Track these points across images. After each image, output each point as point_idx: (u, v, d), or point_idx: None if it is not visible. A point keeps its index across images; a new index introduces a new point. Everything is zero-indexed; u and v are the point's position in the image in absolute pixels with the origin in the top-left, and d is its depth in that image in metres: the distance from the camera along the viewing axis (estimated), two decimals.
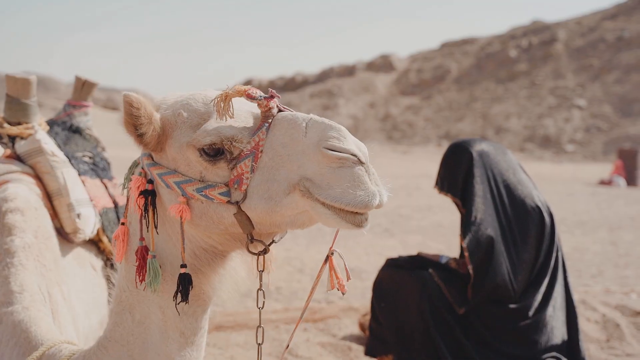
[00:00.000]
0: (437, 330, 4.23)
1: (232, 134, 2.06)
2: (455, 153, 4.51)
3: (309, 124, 2.00)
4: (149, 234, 2.21)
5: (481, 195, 4.31)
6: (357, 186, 1.91)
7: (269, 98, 2.07)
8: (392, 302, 4.48)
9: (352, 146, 1.94)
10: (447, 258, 4.55)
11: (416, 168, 29.15)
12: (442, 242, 11.09)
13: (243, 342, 5.53)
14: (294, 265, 8.91)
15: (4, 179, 3.43)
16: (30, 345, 2.56)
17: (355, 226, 1.99)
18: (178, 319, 2.25)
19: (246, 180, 2.04)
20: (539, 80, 49.50)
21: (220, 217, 2.12)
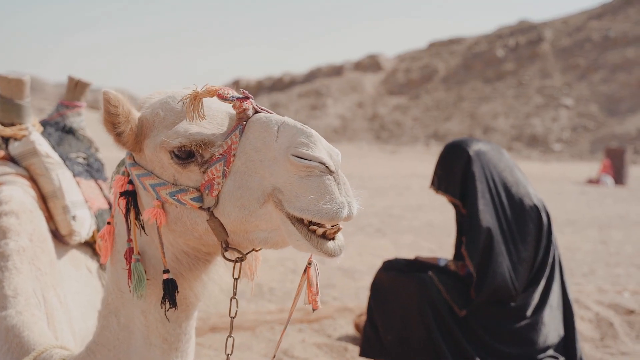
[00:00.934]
0: (439, 333, 4.20)
1: (203, 137, 1.97)
2: (452, 153, 4.50)
3: (280, 127, 1.89)
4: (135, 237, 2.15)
5: (480, 195, 4.30)
6: (324, 197, 1.80)
7: (242, 99, 1.97)
8: (391, 306, 4.46)
9: (322, 153, 1.82)
10: (445, 261, 4.53)
11: (405, 168, 29.21)
12: (434, 241, 11.10)
13: (238, 344, 5.49)
14: (287, 265, 8.88)
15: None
16: (22, 350, 2.53)
17: (325, 254, 1.87)
18: (160, 325, 2.18)
19: (217, 185, 1.94)
20: (526, 79, 49.74)
21: (194, 224, 2.04)
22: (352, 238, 11.23)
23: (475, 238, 4.21)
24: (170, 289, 2.08)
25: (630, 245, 11.02)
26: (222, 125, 2.01)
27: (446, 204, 15.49)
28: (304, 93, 61.39)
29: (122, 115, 2.08)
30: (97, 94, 2.94)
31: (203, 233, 2.03)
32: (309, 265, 2.06)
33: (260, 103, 2.31)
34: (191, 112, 1.97)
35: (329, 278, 8.26)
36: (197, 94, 1.98)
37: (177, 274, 2.14)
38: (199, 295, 2.22)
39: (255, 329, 5.86)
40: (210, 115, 2.02)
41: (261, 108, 1.98)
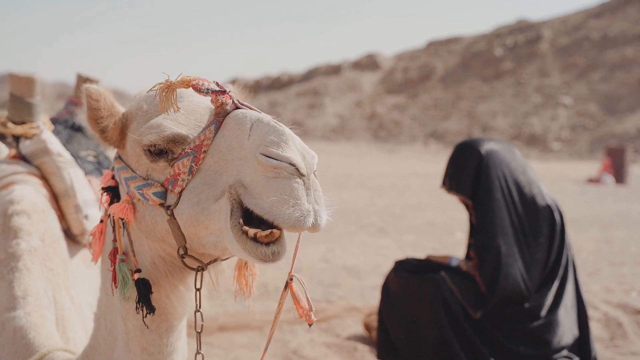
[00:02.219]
0: (453, 335, 4.17)
1: (174, 133, 1.84)
2: (464, 152, 4.47)
3: (254, 125, 1.71)
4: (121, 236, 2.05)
5: (492, 195, 4.27)
6: (288, 201, 1.61)
7: (218, 92, 1.80)
8: (403, 307, 4.43)
9: (293, 154, 1.65)
10: (457, 260, 4.50)
11: (404, 167, 29.15)
12: (436, 241, 11.07)
13: (247, 343, 5.48)
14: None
15: (10, 180, 3.36)
16: (28, 352, 2.51)
17: (259, 260, 1.68)
18: (139, 333, 2.06)
19: (182, 182, 1.81)
20: (525, 78, 49.74)
21: (154, 223, 1.92)
22: (355, 237, 11.22)
23: (484, 241, 4.18)
24: (143, 290, 1.97)
25: (634, 244, 11.00)
26: (200, 121, 1.88)
27: (447, 203, 15.56)
28: (302, 92, 61.34)
29: (104, 109, 2.01)
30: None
31: (164, 234, 1.91)
32: (290, 282, 1.90)
33: (258, 102, 2.23)
34: (163, 104, 1.84)
35: (334, 277, 8.23)
36: (170, 85, 1.84)
37: (155, 281, 2.02)
38: (177, 307, 2.07)
39: (263, 328, 5.84)
40: (190, 109, 1.91)
41: (242, 103, 1.82)
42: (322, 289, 7.64)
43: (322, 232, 6.13)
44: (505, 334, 4.24)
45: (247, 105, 1.82)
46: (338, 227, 12.13)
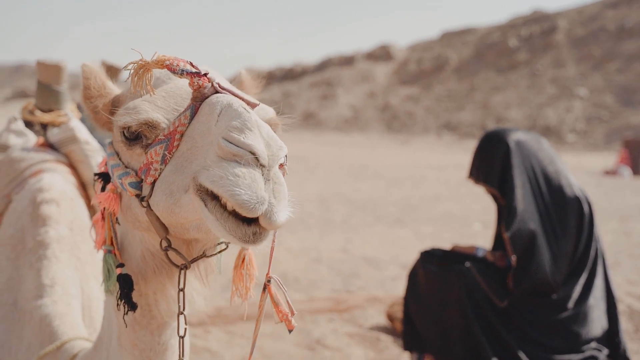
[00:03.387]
0: (478, 326, 4.15)
1: (148, 117, 1.72)
2: (491, 143, 4.42)
3: (223, 110, 1.58)
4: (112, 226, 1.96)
5: (520, 186, 4.23)
6: (240, 182, 1.47)
7: (193, 74, 1.66)
8: (429, 297, 4.41)
9: (255, 142, 1.51)
10: (483, 251, 4.47)
11: (418, 158, 29.04)
12: (454, 232, 11.04)
13: (270, 332, 5.48)
14: (310, 255, 8.85)
15: (38, 169, 3.37)
16: (51, 339, 2.51)
17: (240, 241, 1.53)
18: (130, 329, 1.97)
19: (154, 171, 1.69)
20: (540, 69, 49.39)
21: (135, 214, 1.82)
22: (372, 228, 11.21)
23: (517, 230, 4.14)
24: (124, 287, 1.86)
25: None
26: (179, 106, 1.75)
27: (463, 195, 15.50)
28: (315, 83, 61.19)
29: (94, 88, 1.94)
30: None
31: (146, 226, 1.80)
32: (268, 283, 1.76)
33: (271, 93, 2.17)
34: (136, 86, 1.70)
35: (353, 268, 8.23)
36: (145, 64, 1.70)
37: (144, 276, 1.93)
38: (165, 305, 1.96)
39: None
40: (171, 92, 1.78)
41: (223, 87, 1.67)
42: (341, 279, 7.64)
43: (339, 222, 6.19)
44: (532, 325, 4.21)
45: (228, 89, 1.68)
46: (355, 218, 12.13)
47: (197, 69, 1.67)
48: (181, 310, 1.88)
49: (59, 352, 2.44)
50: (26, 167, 3.45)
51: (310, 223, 11.45)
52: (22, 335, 2.65)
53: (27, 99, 3.96)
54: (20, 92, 76.14)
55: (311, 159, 24.34)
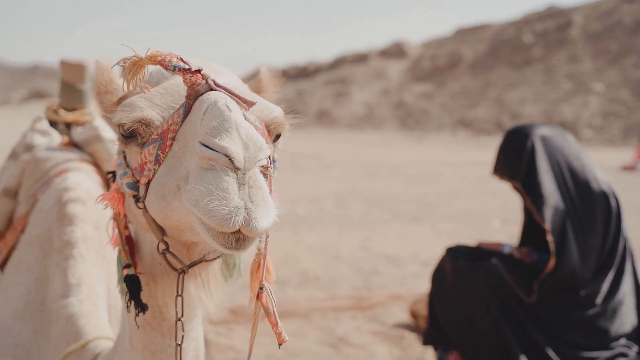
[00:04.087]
0: (505, 322, 4.10)
1: (142, 115, 1.66)
2: (516, 139, 4.38)
3: (208, 109, 1.52)
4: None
5: (547, 181, 4.19)
6: (214, 194, 1.42)
7: (185, 70, 1.59)
8: (455, 294, 4.37)
9: (231, 144, 1.44)
10: (509, 247, 4.43)
11: (433, 155, 28.92)
12: (472, 229, 10.99)
13: (293, 330, 5.47)
14: (330, 253, 8.84)
15: (64, 168, 3.38)
16: (76, 339, 2.52)
17: (223, 247, 1.47)
18: (140, 330, 1.94)
19: (148, 172, 1.64)
20: (555, 65, 49.08)
21: (135, 215, 1.78)
22: (390, 225, 11.18)
23: (553, 223, 4.09)
24: (131, 288, 1.83)
25: None
26: (176, 103, 1.69)
27: (480, 192, 15.43)
28: (328, 81, 61.15)
29: (102, 84, 1.89)
30: None
31: (147, 228, 1.76)
32: (260, 291, 1.67)
33: (285, 91, 2.12)
34: (129, 82, 1.64)
35: (373, 265, 8.21)
36: (139, 60, 1.64)
37: (153, 277, 1.90)
38: (174, 309, 1.89)
39: (308, 316, 5.84)
40: (170, 89, 1.73)
41: (218, 85, 1.61)
42: (362, 277, 7.62)
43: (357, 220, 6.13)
44: (560, 322, 4.17)
45: (223, 86, 1.61)
46: (373, 215, 12.11)
47: (188, 65, 1.60)
48: (179, 317, 1.84)
49: (83, 351, 2.44)
50: (51, 167, 3.46)
51: (328, 221, 11.44)
52: (49, 334, 2.66)
53: (43, 99, 3.98)
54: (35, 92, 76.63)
55: (326, 157, 24.31)
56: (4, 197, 3.61)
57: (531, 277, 4.20)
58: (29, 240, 3.07)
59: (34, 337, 2.74)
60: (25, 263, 2.98)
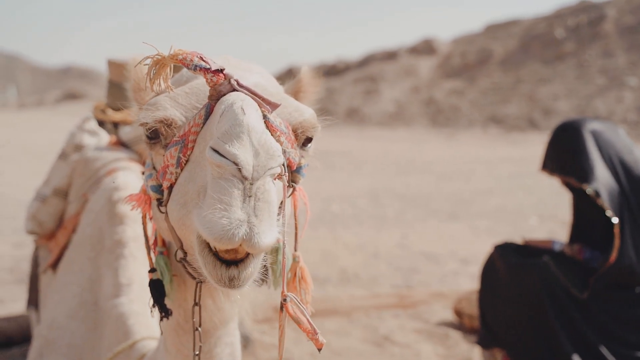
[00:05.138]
0: (557, 321, 4.03)
1: (164, 115, 1.61)
2: (566, 133, 4.30)
3: (224, 112, 1.45)
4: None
5: (600, 176, 4.10)
6: (218, 206, 1.34)
7: (206, 69, 1.53)
8: (506, 291, 4.30)
9: (240, 151, 1.36)
10: (560, 244, 4.35)
11: (465, 152, 28.69)
12: (510, 226, 10.86)
13: (336, 329, 5.45)
14: (368, 250, 8.80)
15: (113, 167, 3.40)
16: (125, 338, 2.54)
17: (217, 283, 1.42)
18: (173, 333, 1.91)
19: (170, 175, 1.58)
20: (588, 60, 48.42)
21: (157, 219, 1.74)
22: (426, 223, 11.11)
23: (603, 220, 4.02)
24: (154, 293, 1.78)
25: None
26: (200, 103, 1.64)
27: (515, 189, 15.27)
28: (358, 79, 61.04)
29: (136, 81, 1.87)
30: None
31: (168, 234, 1.71)
32: (284, 302, 1.58)
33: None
34: (152, 81, 1.60)
35: (411, 263, 8.16)
36: (162, 59, 1.58)
37: (183, 281, 1.85)
38: (204, 315, 1.84)
39: (351, 314, 5.81)
40: (194, 89, 1.67)
41: (242, 85, 1.54)
42: (401, 275, 7.58)
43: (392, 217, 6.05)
44: (613, 320, 4.08)
45: (246, 87, 1.54)
46: (408, 213, 12.03)
47: (209, 64, 1.54)
48: (196, 327, 1.81)
49: (131, 350, 2.45)
50: (101, 167, 3.48)
51: (364, 218, 11.40)
52: (102, 334, 2.68)
53: (76, 100, 4.01)
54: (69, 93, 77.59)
55: (357, 155, 24.23)
56: (54, 197, 3.65)
57: (583, 274, 4.12)
58: (80, 240, 3.09)
59: (88, 336, 2.76)
60: (78, 263, 3.00)
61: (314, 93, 2.05)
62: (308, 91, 2.04)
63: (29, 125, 40.93)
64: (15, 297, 6.42)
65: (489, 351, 4.48)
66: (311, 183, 2.27)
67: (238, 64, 1.78)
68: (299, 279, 1.89)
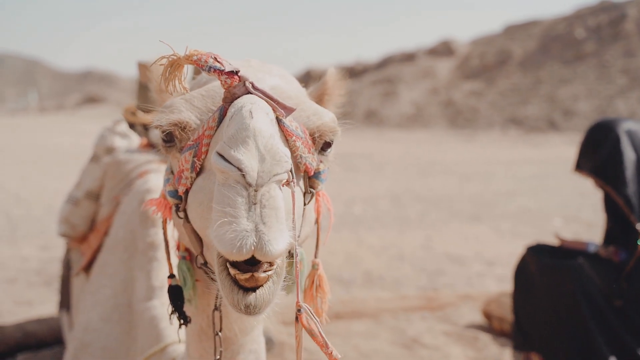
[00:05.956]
0: (594, 323, 3.97)
1: (178, 118, 1.56)
2: (600, 133, 4.25)
3: (233, 115, 1.40)
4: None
5: (633, 177, 4.05)
6: (222, 216, 1.30)
7: (219, 71, 1.47)
8: (541, 292, 4.26)
9: (244, 156, 1.31)
10: (595, 246, 4.29)
11: (484, 154, 28.56)
12: (533, 227, 10.78)
13: (364, 331, 5.43)
14: (391, 252, 8.77)
15: (145, 170, 3.40)
16: (157, 341, 2.53)
17: (234, 309, 1.38)
18: (197, 338, 1.87)
19: (185, 180, 1.53)
20: (609, 60, 48.01)
21: (177, 224, 1.70)
22: (449, 224, 11.05)
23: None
24: (173, 299, 1.74)
25: None
26: (215, 106, 1.59)
27: (537, 190, 15.16)
28: (376, 81, 60.98)
29: (158, 82, 1.78)
30: None
31: (187, 239, 1.66)
32: (299, 313, 1.51)
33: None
34: (166, 82, 1.55)
35: (436, 264, 8.12)
36: (177, 60, 1.53)
37: (206, 285, 1.80)
38: (225, 321, 1.79)
39: (378, 316, 5.78)
40: (210, 91, 1.63)
41: (256, 87, 1.48)
42: (426, 276, 7.54)
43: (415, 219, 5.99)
44: None
45: (261, 90, 1.49)
46: (431, 215, 11.98)
47: (222, 65, 1.48)
48: (217, 331, 1.77)
49: (162, 354, 2.44)
50: (132, 169, 3.49)
51: (386, 220, 11.36)
52: (136, 336, 2.68)
53: (96, 104, 4.02)
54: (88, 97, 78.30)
55: (376, 157, 24.19)
56: (86, 199, 3.66)
57: (619, 276, 4.06)
58: (113, 243, 3.10)
59: (122, 339, 2.76)
60: (111, 265, 3.00)
61: (339, 96, 2.01)
62: (333, 94, 1.99)
63: (51, 129, 41.33)
64: (43, 299, 6.46)
65: (522, 354, 4.43)
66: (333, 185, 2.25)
67: (260, 66, 1.75)
68: (316, 287, 1.84)
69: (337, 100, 1.98)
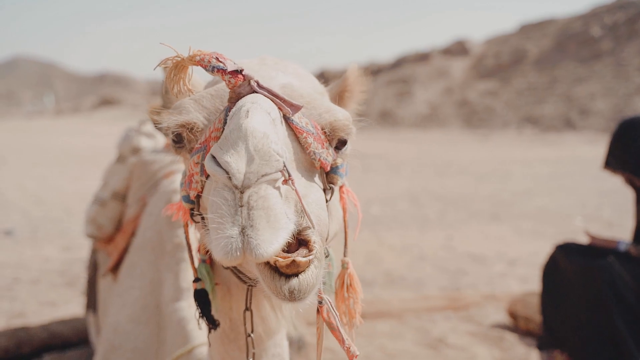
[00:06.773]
0: (623, 323, 3.93)
1: (186, 119, 1.53)
2: (631, 130, 4.20)
3: (232, 117, 1.38)
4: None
5: None
6: (213, 226, 1.28)
7: (223, 71, 1.44)
8: (569, 293, 4.21)
9: (232, 158, 1.28)
10: (625, 244, 4.24)
11: (501, 154, 28.42)
12: (554, 227, 10.70)
13: (388, 331, 5.40)
14: (413, 252, 8.73)
15: (171, 170, 3.39)
16: (184, 342, 2.52)
17: (274, 296, 1.34)
18: (219, 341, 1.84)
19: (195, 184, 1.49)
20: (626, 58, 47.66)
21: (198, 227, 1.66)
22: (468, 224, 10.99)
23: None
24: (199, 303, 1.71)
25: None
26: (223, 106, 1.55)
27: (555, 189, 15.06)
28: (391, 81, 60.89)
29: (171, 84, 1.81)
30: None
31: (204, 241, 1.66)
32: (320, 305, 1.49)
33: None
34: (171, 84, 1.53)
35: (458, 264, 8.07)
36: (181, 61, 1.50)
37: (228, 289, 1.77)
38: (248, 324, 1.76)
39: (402, 316, 5.75)
40: (219, 91, 1.59)
41: (262, 86, 1.46)
42: (448, 277, 7.49)
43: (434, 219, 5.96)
44: None
45: (267, 88, 1.46)
46: (450, 215, 11.93)
47: (225, 64, 1.45)
48: (249, 333, 1.74)
49: (189, 355, 2.43)
50: (158, 169, 3.48)
51: (405, 220, 11.32)
52: (165, 338, 2.67)
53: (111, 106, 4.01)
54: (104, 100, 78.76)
55: (392, 157, 24.15)
56: (113, 200, 3.65)
57: None
58: (141, 244, 3.09)
59: (151, 340, 2.75)
60: (139, 266, 3.00)
61: (360, 92, 1.98)
62: (354, 90, 1.96)
63: (68, 131, 41.59)
64: (67, 300, 6.48)
65: (550, 353, 4.39)
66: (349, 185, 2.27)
67: (274, 64, 1.73)
68: (347, 286, 1.79)
69: (358, 97, 1.96)
